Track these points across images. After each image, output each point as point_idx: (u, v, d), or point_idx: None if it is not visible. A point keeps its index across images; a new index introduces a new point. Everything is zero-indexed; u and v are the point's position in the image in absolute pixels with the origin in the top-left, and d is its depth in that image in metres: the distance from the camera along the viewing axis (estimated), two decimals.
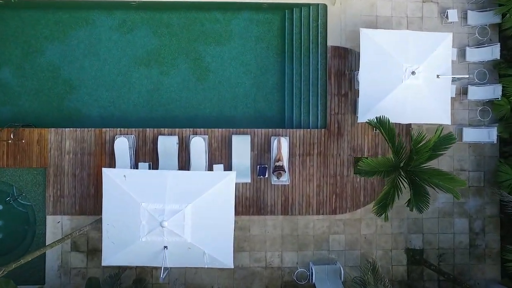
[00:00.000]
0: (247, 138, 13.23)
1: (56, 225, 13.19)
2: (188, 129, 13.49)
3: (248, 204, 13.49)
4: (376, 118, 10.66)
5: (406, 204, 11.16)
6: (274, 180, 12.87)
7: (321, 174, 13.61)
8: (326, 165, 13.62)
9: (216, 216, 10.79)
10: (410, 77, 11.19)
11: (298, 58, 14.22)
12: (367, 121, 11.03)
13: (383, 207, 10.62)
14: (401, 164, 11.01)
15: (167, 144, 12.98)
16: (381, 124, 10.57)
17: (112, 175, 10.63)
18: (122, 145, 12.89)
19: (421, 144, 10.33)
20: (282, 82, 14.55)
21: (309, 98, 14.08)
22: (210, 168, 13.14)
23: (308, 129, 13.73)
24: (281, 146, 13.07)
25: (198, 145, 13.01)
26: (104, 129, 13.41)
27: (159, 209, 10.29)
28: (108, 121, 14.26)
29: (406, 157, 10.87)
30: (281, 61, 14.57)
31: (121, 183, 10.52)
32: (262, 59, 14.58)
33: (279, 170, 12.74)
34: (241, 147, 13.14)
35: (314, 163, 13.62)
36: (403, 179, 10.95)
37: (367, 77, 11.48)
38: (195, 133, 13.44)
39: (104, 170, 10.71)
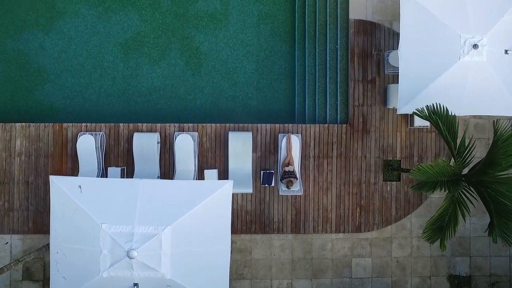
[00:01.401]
0: (248, 136, 10.35)
1: (3, 247, 10.31)
2: (172, 124, 10.61)
3: (250, 220, 10.62)
4: (428, 107, 7.75)
5: (487, 232, 8.19)
6: (282, 189, 9.99)
7: (342, 182, 10.73)
8: (348, 170, 10.74)
9: (207, 240, 7.93)
10: (471, 52, 8.27)
11: (311, 36, 11.34)
12: (416, 111, 8.08)
13: (437, 231, 7.69)
14: (464, 172, 8.02)
15: (145, 144, 10.11)
16: (436, 116, 7.65)
17: (63, 185, 7.76)
18: (87, 145, 10.02)
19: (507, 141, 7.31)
20: (292, 67, 11.67)
21: (325, 86, 11.20)
22: (200, 176, 10.26)
23: (325, 125, 10.85)
24: (291, 147, 10.19)
25: (185, 144, 10.13)
26: (65, 124, 10.55)
27: (126, 233, 7.43)
28: (74, 114, 11.40)
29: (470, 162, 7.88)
30: (291, 40, 11.69)
31: (75, 196, 7.66)
32: (267, 38, 11.71)
33: (289, 177, 9.87)
34: (241, 147, 10.26)
35: (333, 168, 10.74)
36: (467, 192, 8.05)
37: (410, 54, 8.59)
38: (182, 130, 10.56)
39: (52, 178, 7.85)
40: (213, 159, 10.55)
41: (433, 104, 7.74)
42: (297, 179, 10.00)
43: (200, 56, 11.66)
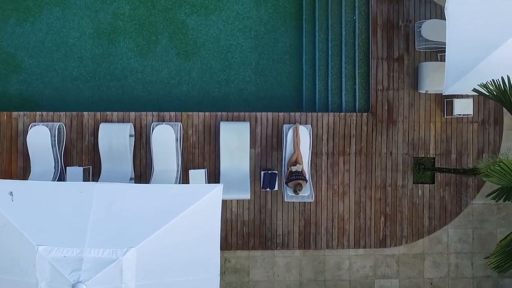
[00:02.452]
0: (245, 128, 8.23)
1: None
2: (149, 113, 8.49)
3: (247, 233, 8.49)
4: (494, 82, 5.60)
5: None
6: (288, 195, 7.84)
7: (362, 185, 8.60)
8: (370, 170, 8.61)
9: (186, 267, 5.78)
10: None
11: (323, 4, 9.22)
12: (478, 88, 5.88)
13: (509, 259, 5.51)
14: None
15: (115, 137, 7.99)
16: (502, 93, 5.51)
17: None
18: (40, 139, 7.89)
19: None
20: (299, 43, 9.57)
21: (340, 66, 9.08)
22: (185, 178, 8.12)
23: (341, 114, 8.72)
24: (299, 141, 8.07)
25: (165, 138, 8.00)
26: (15, 113, 8.42)
27: (73, 259, 5.28)
28: (31, 102, 9.30)
29: None
30: (297, 11, 9.58)
31: (3, 207, 5.51)
32: (268, 9, 9.60)
33: (296, 178, 7.75)
34: (235, 141, 8.14)
35: (351, 167, 8.60)
36: None
37: (460, 14, 6.44)
38: (162, 119, 8.43)
39: None
40: (201, 156, 8.42)
41: (499, 80, 5.58)
42: (306, 181, 7.87)
43: (186, 31, 9.54)
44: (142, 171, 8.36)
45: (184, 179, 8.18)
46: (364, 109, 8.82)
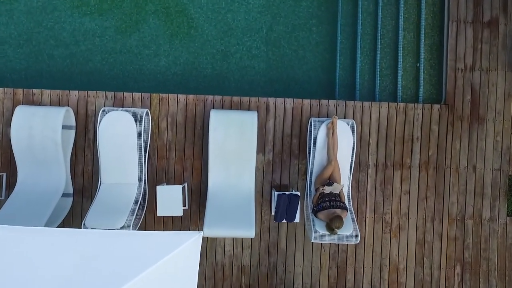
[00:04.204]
0: (250, 120, 5.13)
1: None
2: (101, 93, 5.42)
3: (247, 285, 5.40)
4: None
5: None
6: (318, 233, 4.74)
7: (428, 216, 5.53)
8: (441, 193, 5.54)
9: None
10: None
11: None
12: None
13: None
14: None
15: (39, 128, 4.92)
16: None
17: None
18: None
19: None
20: (331, 0, 6.53)
21: (396, 34, 6.03)
22: (152, 200, 5.04)
23: (399, 104, 5.65)
24: (336, 143, 5.01)
25: (120, 132, 4.93)
26: None
27: None
28: None
29: None
30: None
31: None
32: None
33: (332, 206, 4.67)
34: (233, 141, 5.07)
35: (412, 188, 5.54)
36: None
37: None
38: (119, 103, 5.37)
39: None
40: (179, 163, 5.35)
41: None
42: (347, 210, 4.80)
43: None
44: (87, 184, 5.30)
45: (151, 200, 5.13)
46: (434, 99, 5.76)
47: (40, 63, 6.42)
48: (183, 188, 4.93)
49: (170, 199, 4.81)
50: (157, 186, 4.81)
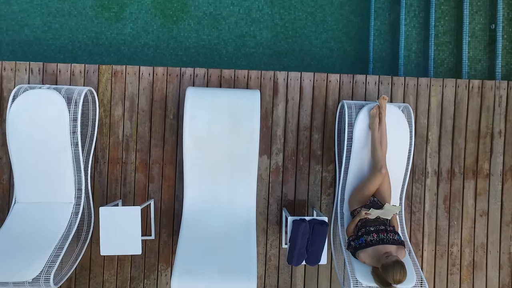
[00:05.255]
0: (249, 103, 3.26)
1: None
2: (24, 64, 3.58)
3: None
4: None
5: None
6: (358, 284, 2.87)
7: None
8: None
9: None
10: None
11: None
12: None
13: None
14: None
15: None
16: None
17: None
18: None
19: None
20: None
21: None
22: (94, 225, 3.22)
23: (470, 81, 3.80)
24: (383, 139, 3.17)
25: (44, 122, 3.09)
26: None
27: None
28: None
29: None
30: None
31: None
32: None
33: (381, 239, 2.83)
34: (223, 134, 3.21)
35: (492, 207, 3.69)
36: None
37: None
38: (50, 79, 3.52)
39: None
40: (141, 169, 3.51)
41: None
42: (404, 246, 2.95)
43: None
44: None
45: (95, 224, 3.29)
46: None
47: None
48: (147, 208, 3.09)
49: (122, 229, 2.97)
50: (100, 208, 2.96)
